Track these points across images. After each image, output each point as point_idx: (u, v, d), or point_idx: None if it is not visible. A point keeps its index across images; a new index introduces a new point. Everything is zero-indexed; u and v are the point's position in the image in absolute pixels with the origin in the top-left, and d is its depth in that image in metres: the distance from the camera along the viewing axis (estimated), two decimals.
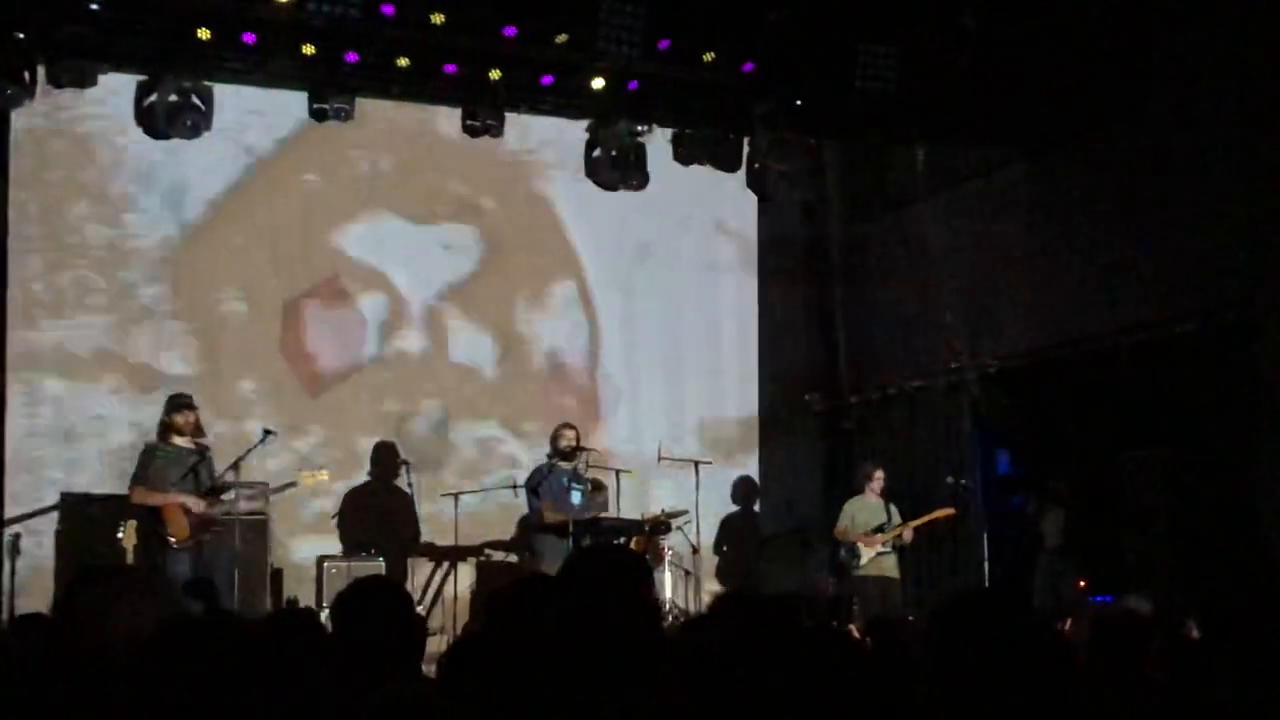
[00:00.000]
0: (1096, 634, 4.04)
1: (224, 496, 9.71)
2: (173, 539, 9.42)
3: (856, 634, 5.61)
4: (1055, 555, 11.14)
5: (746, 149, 12.76)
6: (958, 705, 2.66)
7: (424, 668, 5.49)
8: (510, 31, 10.86)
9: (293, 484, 10.36)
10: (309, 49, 10.77)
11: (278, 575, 11.05)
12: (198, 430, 9.84)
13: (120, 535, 9.38)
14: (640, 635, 2.87)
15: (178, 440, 9.75)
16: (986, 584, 11.48)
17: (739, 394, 13.50)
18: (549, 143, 12.66)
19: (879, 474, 11.76)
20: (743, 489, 13.21)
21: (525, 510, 11.32)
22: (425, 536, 11.56)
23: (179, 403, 9.85)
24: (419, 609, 10.80)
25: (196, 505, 9.53)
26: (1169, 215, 10.47)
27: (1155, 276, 10.60)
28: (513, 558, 11.68)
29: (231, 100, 11.33)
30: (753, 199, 13.34)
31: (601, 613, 2.91)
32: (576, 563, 3.21)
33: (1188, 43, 10.34)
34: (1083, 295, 11.29)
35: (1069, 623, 6.80)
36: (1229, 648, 4.43)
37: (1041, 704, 2.66)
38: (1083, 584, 10.89)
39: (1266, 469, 9.43)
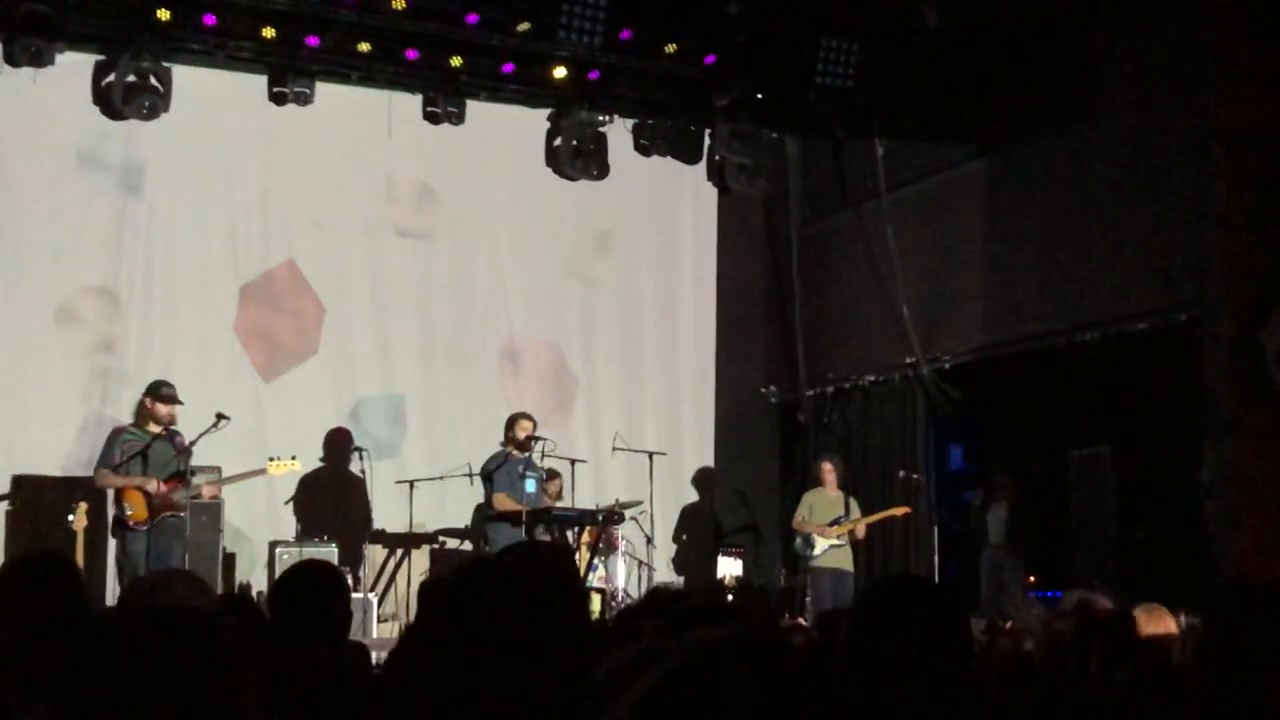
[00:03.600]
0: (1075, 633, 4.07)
1: (193, 481, 9.71)
2: (132, 521, 9.44)
3: (804, 624, 5.66)
4: (998, 550, 11.22)
5: (707, 141, 12.79)
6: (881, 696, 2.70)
7: (375, 655, 5.54)
8: (472, 19, 10.87)
9: (261, 471, 10.32)
10: (269, 32, 10.75)
11: (230, 560, 11.01)
12: (172, 421, 9.84)
13: (71, 518, 9.33)
14: (568, 620, 2.92)
15: (151, 426, 9.76)
16: (936, 577, 11.56)
17: (696, 386, 13.53)
18: (509, 129, 12.63)
19: (831, 467, 11.83)
20: (702, 480, 13.25)
21: (479, 498, 11.32)
22: (378, 523, 11.56)
23: (164, 394, 9.82)
24: (371, 594, 10.81)
25: (156, 488, 9.52)
26: (1121, 215, 10.57)
27: (1107, 275, 10.70)
28: (466, 545, 11.68)
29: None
30: (712, 191, 13.38)
31: (529, 601, 2.95)
32: (502, 557, 3.26)
33: (1143, 42, 10.43)
34: (1036, 292, 11.38)
35: (1010, 624, 6.83)
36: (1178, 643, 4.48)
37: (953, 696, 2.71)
38: (1032, 579, 10.98)
39: (1212, 467, 9.54)
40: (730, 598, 11.39)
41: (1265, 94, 9.46)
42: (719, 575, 12.05)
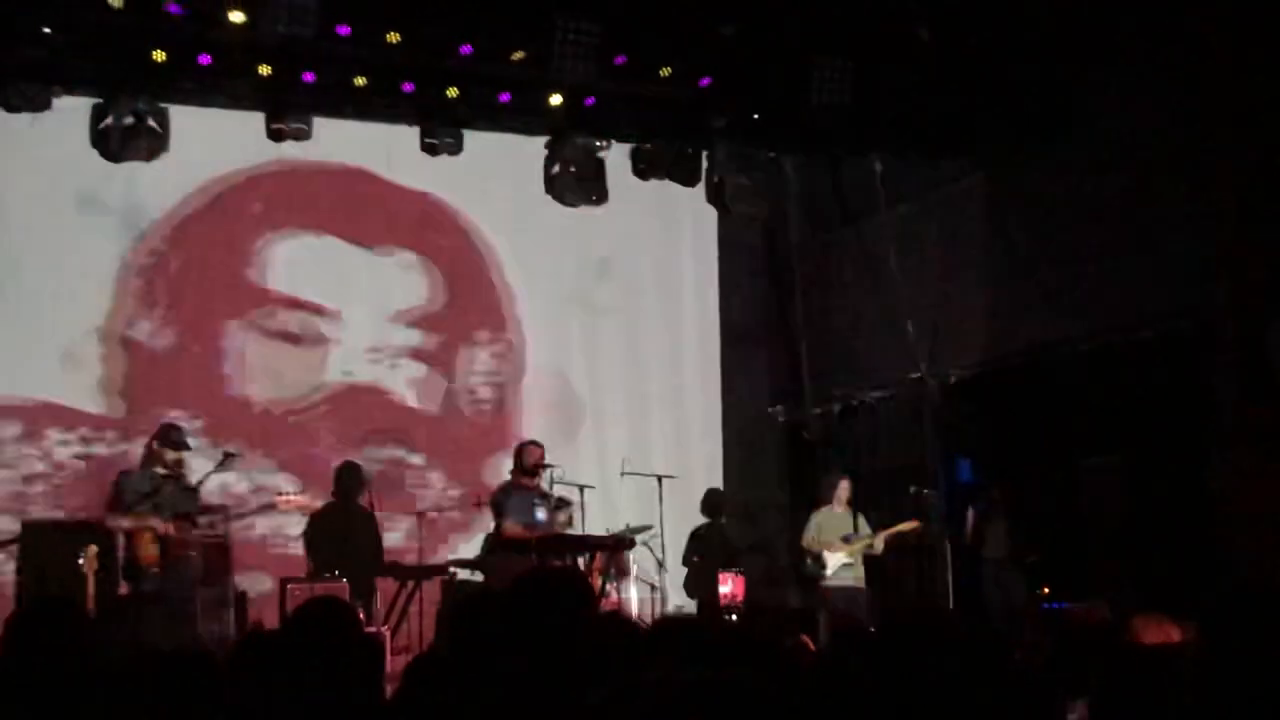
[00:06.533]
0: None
1: (199, 520, 9.68)
2: (143, 563, 9.42)
3: (809, 643, 5.62)
4: (998, 564, 11.17)
5: (705, 163, 12.80)
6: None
7: (389, 688, 5.51)
8: (467, 50, 10.86)
9: (270, 506, 10.33)
10: (265, 70, 10.75)
11: (241, 598, 10.98)
12: (180, 465, 9.82)
13: (81, 561, 9.31)
14: (584, 646, 2.90)
15: (158, 469, 9.73)
16: (950, 592, 11.52)
17: (702, 407, 13.52)
18: (507, 158, 12.63)
19: (844, 484, 11.80)
20: (710, 502, 13.19)
21: (489, 528, 11.29)
22: (388, 556, 11.55)
23: (172, 439, 9.79)
24: (384, 628, 10.77)
25: (164, 529, 9.51)
26: (1125, 225, 10.56)
27: (1112, 285, 10.68)
28: (478, 576, 11.64)
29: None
30: (712, 213, 13.38)
31: (549, 629, 2.94)
32: (521, 585, 3.24)
33: (1146, 51, 10.43)
34: (1040, 303, 11.37)
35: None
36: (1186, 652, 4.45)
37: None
38: (1046, 590, 10.93)
39: (1221, 474, 9.52)
40: (734, 617, 11.36)
41: (1265, 95, 9.45)
42: (720, 597, 11.98)
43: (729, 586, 11.99)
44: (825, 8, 10.98)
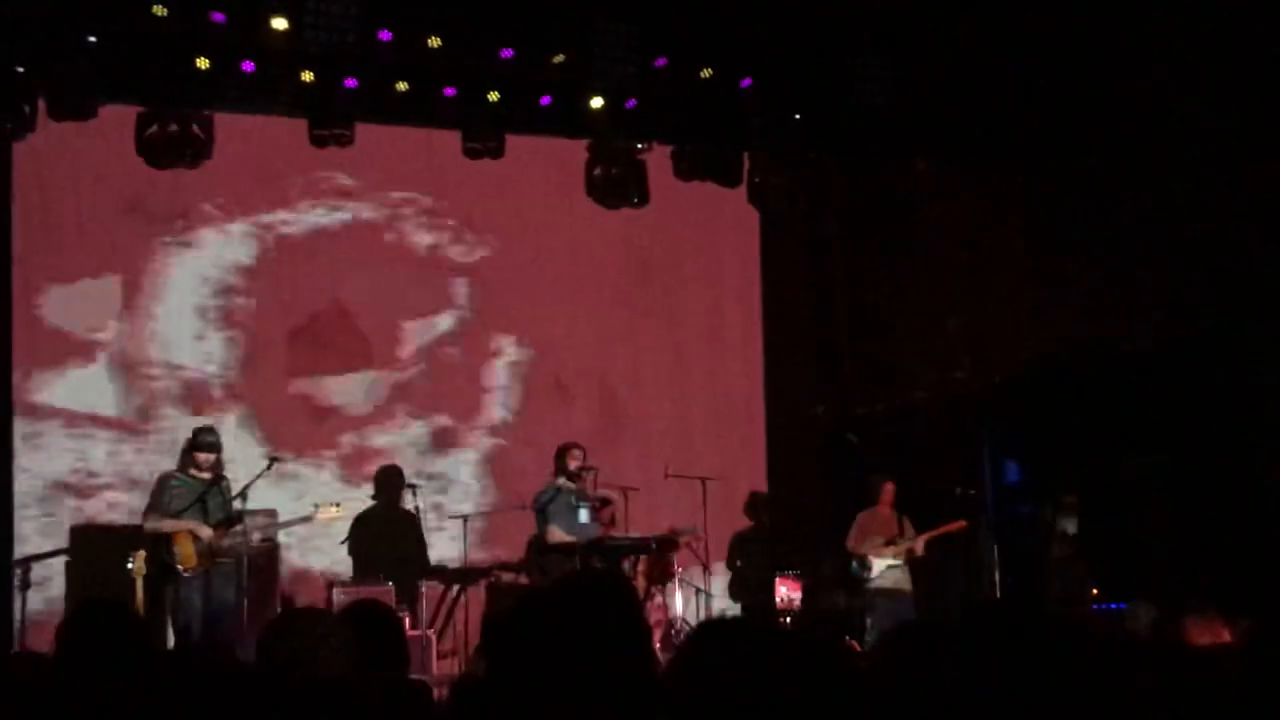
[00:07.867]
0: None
1: (236, 527, 9.72)
2: (182, 567, 9.47)
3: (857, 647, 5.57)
4: (1067, 565, 11.11)
5: (746, 164, 12.77)
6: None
7: (436, 690, 5.54)
8: (507, 53, 10.89)
9: (308, 518, 10.37)
10: (308, 76, 10.82)
11: (288, 602, 11.03)
12: (217, 466, 9.89)
13: (130, 565, 9.38)
14: (627, 660, 2.88)
15: (195, 472, 9.80)
16: (998, 594, 11.44)
17: (745, 409, 13.48)
18: (548, 161, 12.64)
19: (889, 487, 11.75)
20: (754, 504, 13.15)
21: (533, 531, 11.30)
22: (433, 559, 11.59)
23: (203, 441, 9.88)
24: (429, 631, 10.81)
25: (206, 534, 9.56)
26: (1169, 224, 10.47)
27: (1156, 285, 10.60)
28: (522, 579, 11.65)
29: None
30: (753, 214, 13.35)
31: (588, 636, 2.92)
32: (561, 588, 3.23)
33: (1185, 57, 10.34)
34: (1085, 304, 11.29)
35: None
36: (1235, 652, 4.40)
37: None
38: (1095, 591, 10.87)
39: (1272, 469, 9.43)
40: (788, 620, 11.33)
41: None
42: (777, 601, 11.94)
43: (784, 590, 11.96)
44: (866, 7, 10.94)
